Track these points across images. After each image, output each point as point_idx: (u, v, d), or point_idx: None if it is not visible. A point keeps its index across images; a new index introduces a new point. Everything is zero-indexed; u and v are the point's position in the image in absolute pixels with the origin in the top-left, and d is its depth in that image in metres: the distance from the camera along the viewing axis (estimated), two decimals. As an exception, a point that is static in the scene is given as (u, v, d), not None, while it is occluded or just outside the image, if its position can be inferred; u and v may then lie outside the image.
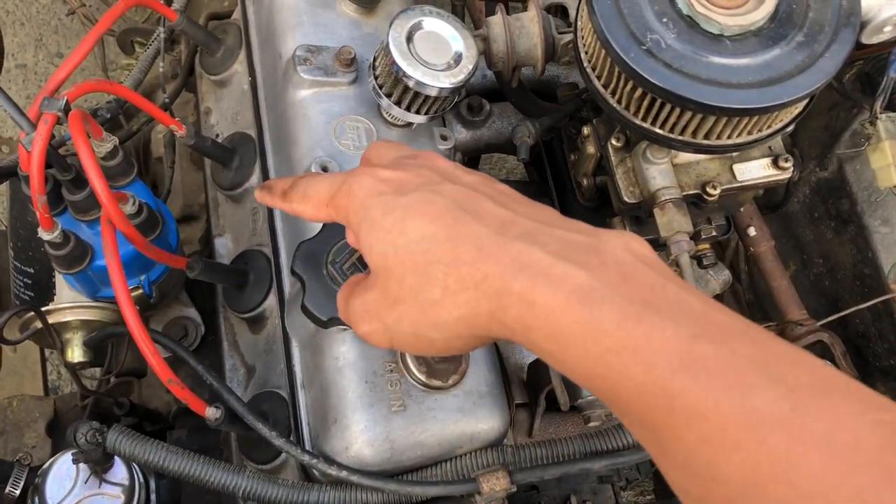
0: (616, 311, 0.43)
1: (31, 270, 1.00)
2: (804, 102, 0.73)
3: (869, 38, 0.75)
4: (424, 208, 0.51)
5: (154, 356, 0.73)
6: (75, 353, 0.90)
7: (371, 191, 0.54)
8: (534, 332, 0.46)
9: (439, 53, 0.78)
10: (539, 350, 0.47)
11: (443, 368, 0.74)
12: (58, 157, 0.78)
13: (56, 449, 1.05)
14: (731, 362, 0.41)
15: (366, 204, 0.53)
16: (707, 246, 0.90)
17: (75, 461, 0.79)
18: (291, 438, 0.80)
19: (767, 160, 0.81)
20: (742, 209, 1.05)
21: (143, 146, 1.25)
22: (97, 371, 1.22)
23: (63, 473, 0.88)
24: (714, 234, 0.89)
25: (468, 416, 0.74)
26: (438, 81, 0.76)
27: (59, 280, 0.92)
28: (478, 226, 0.49)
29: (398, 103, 0.80)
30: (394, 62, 0.76)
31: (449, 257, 0.49)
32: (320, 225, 0.74)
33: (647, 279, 0.45)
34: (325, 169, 0.80)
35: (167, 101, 1.04)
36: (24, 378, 1.71)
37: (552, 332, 0.45)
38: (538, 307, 0.45)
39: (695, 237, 0.87)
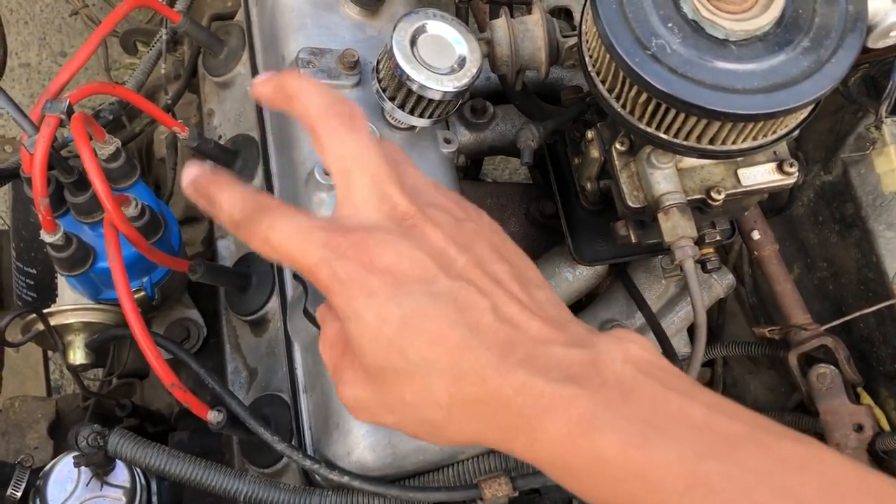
0: (618, 438, 0.43)
1: (34, 271, 1.00)
2: (810, 108, 0.73)
3: (875, 43, 0.75)
4: (423, 325, 0.47)
5: (156, 359, 0.73)
6: (77, 355, 0.90)
7: (362, 288, 0.48)
8: (541, 461, 0.47)
9: (443, 57, 0.78)
10: (548, 474, 0.47)
11: (445, 373, 0.74)
12: (60, 160, 0.78)
13: (58, 450, 1.05)
14: (736, 478, 0.41)
15: (355, 304, 0.48)
16: (711, 250, 0.90)
17: (77, 464, 0.79)
18: (293, 443, 0.80)
19: (772, 165, 0.80)
20: (746, 213, 1.05)
21: (145, 147, 1.24)
22: (100, 372, 1.22)
23: (64, 476, 0.88)
24: (718, 238, 0.88)
25: (470, 422, 0.74)
26: (442, 85, 0.76)
27: (61, 282, 0.92)
28: (479, 350, 0.47)
29: (402, 107, 0.79)
30: (397, 65, 0.75)
31: (453, 387, 0.47)
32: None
33: (648, 394, 0.45)
34: (328, 173, 0.79)
35: (169, 102, 1.04)
36: (26, 378, 1.71)
37: (559, 463, 0.46)
38: (543, 440, 0.45)
39: (699, 241, 0.87)
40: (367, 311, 0.48)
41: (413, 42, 0.77)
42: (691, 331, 0.80)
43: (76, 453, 0.79)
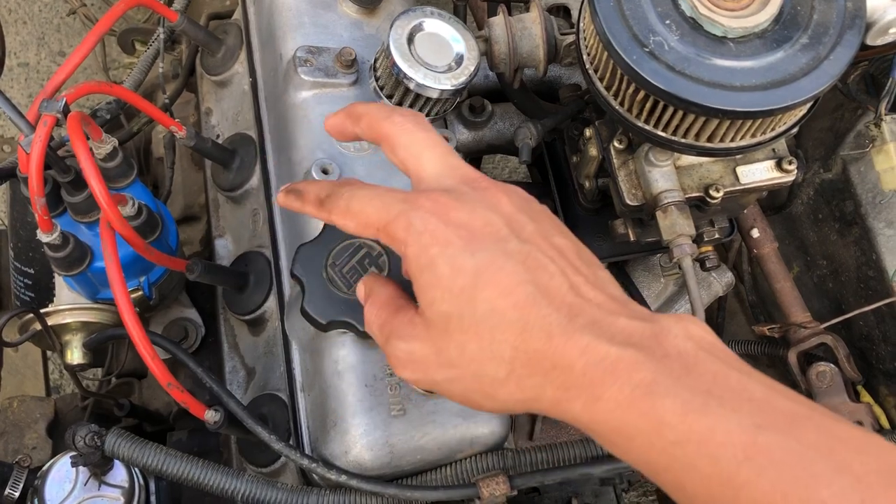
0: (680, 404, 0.44)
1: (32, 271, 1.00)
2: (808, 105, 0.72)
3: (874, 40, 0.75)
4: (495, 277, 0.49)
5: (153, 359, 0.73)
6: (75, 355, 0.90)
7: (437, 237, 0.50)
8: (599, 423, 0.47)
9: (440, 55, 0.77)
10: (602, 439, 0.48)
11: (443, 372, 0.73)
12: (57, 159, 0.78)
13: (56, 450, 1.05)
14: (796, 452, 0.41)
15: (430, 253, 0.50)
16: (710, 248, 0.90)
17: (74, 464, 0.79)
18: (291, 442, 0.80)
19: (771, 162, 0.80)
20: (745, 210, 1.05)
21: (143, 146, 1.24)
22: (99, 371, 1.22)
23: (62, 475, 0.87)
24: (717, 236, 0.88)
25: (468, 421, 0.74)
26: (439, 83, 0.76)
27: (59, 281, 0.92)
28: (548, 309, 0.48)
29: (399, 105, 0.79)
30: (395, 64, 0.75)
31: (517, 340, 0.48)
32: (320, 227, 0.74)
33: (710, 368, 0.46)
34: (325, 171, 0.79)
35: (167, 101, 1.04)
36: (25, 377, 1.71)
37: (617, 426, 0.46)
38: (604, 402, 0.46)
39: (697, 239, 0.87)
40: (442, 259, 0.49)
41: (410, 40, 0.77)
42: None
43: (74, 453, 0.79)
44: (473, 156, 1.12)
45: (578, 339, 0.47)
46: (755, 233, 1.07)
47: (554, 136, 0.98)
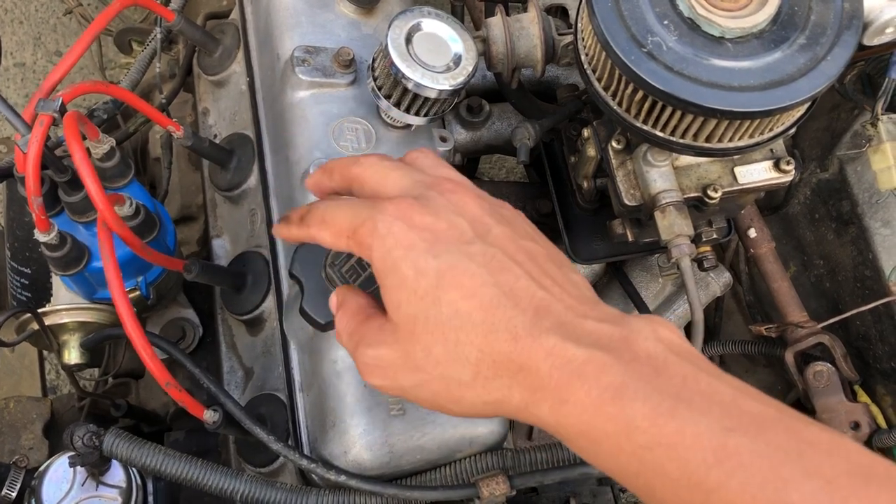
0: (649, 408, 0.43)
1: (28, 271, 1.00)
2: (806, 105, 0.73)
3: (871, 40, 0.75)
4: (459, 279, 0.49)
5: (151, 359, 0.72)
6: (72, 355, 0.89)
7: (400, 240, 0.50)
8: (566, 427, 0.46)
9: (438, 55, 0.77)
10: (571, 444, 0.48)
11: (442, 372, 0.73)
12: (54, 159, 0.78)
13: (53, 450, 1.05)
14: (765, 455, 0.41)
15: (393, 255, 0.50)
16: (708, 248, 0.90)
17: (72, 464, 0.79)
18: (290, 442, 0.80)
19: (769, 163, 0.80)
20: (742, 211, 1.05)
21: (140, 147, 1.24)
22: (96, 371, 1.22)
23: (60, 476, 0.87)
24: (715, 236, 0.88)
25: (468, 420, 0.74)
26: (437, 83, 0.76)
27: (56, 281, 0.92)
28: (513, 311, 0.48)
29: (397, 105, 0.79)
30: (393, 63, 0.75)
31: (483, 342, 0.48)
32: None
33: (679, 371, 0.45)
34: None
35: (164, 101, 1.03)
36: (21, 378, 1.71)
37: (585, 430, 0.45)
38: (571, 404, 0.45)
39: (696, 239, 0.87)
40: (405, 263, 0.50)
41: (408, 40, 0.77)
42: (689, 329, 0.80)
43: (71, 453, 0.79)
44: (471, 156, 1.12)
45: (545, 341, 0.47)
46: (752, 233, 1.07)
47: (552, 137, 0.98)
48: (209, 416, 0.76)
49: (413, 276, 0.49)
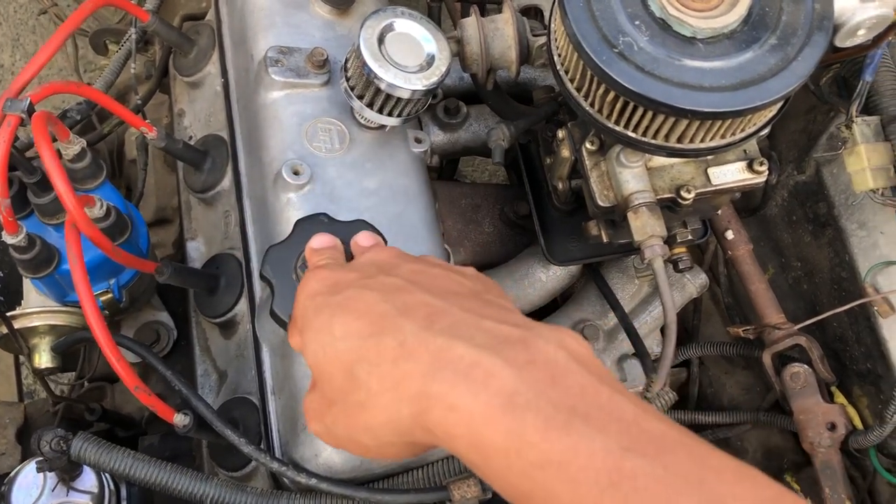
0: (541, 420, 0.39)
1: (0, 273, 0.99)
2: (778, 106, 0.73)
3: (843, 42, 0.75)
4: (352, 305, 0.48)
5: (119, 362, 0.72)
6: (43, 359, 0.88)
7: (308, 293, 0.52)
8: (455, 439, 0.42)
9: (412, 55, 0.77)
10: (463, 459, 0.43)
11: (414, 374, 0.73)
12: (22, 160, 0.77)
13: (26, 455, 1.03)
14: (663, 480, 0.38)
15: (304, 306, 0.52)
16: (683, 249, 0.90)
17: (40, 469, 0.78)
18: (262, 445, 0.79)
19: (742, 164, 0.80)
20: (720, 212, 1.05)
21: (116, 148, 1.23)
22: (72, 375, 1.20)
23: (29, 482, 0.86)
24: (690, 237, 0.88)
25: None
26: (410, 83, 0.76)
27: (27, 284, 0.90)
28: (403, 319, 0.46)
29: (370, 105, 0.79)
30: (365, 64, 0.75)
31: (372, 354, 0.46)
32: (290, 228, 0.73)
33: (579, 381, 0.42)
34: (296, 172, 0.78)
35: (140, 102, 1.03)
36: (-4, 382, 1.69)
37: (474, 442, 0.41)
38: (458, 412, 0.41)
39: (670, 241, 0.87)
40: (310, 310, 0.51)
41: (381, 40, 0.76)
42: (663, 331, 0.80)
43: (39, 459, 0.78)
44: (449, 157, 1.12)
45: (432, 342, 0.44)
46: (730, 234, 1.07)
47: (528, 138, 0.98)
48: (179, 419, 0.76)
49: (314, 316, 0.50)
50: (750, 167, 0.80)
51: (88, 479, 0.87)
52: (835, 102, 1.02)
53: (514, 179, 1.17)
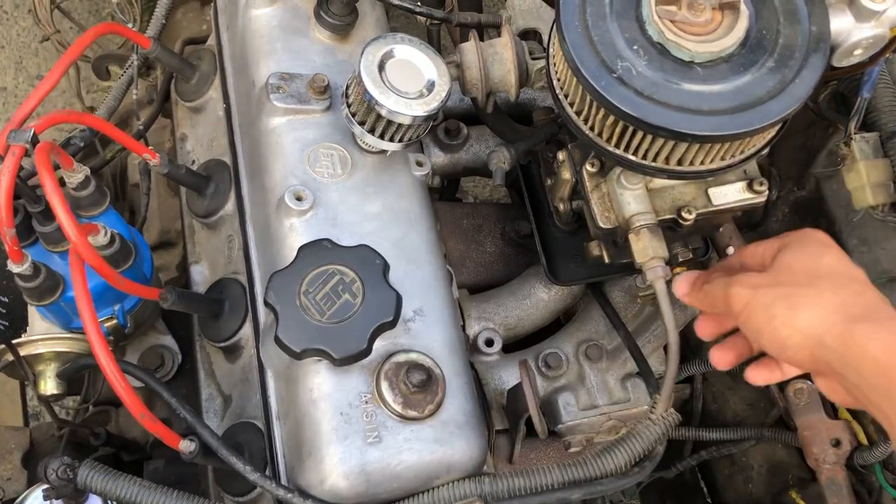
0: None
1: (6, 299, 0.99)
2: (777, 127, 0.73)
3: (840, 62, 0.75)
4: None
5: (125, 390, 0.72)
6: (48, 386, 0.88)
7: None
8: (862, 361, 0.62)
9: (412, 81, 0.78)
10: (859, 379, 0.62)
11: (419, 399, 0.73)
12: (26, 189, 0.78)
13: (32, 480, 1.03)
14: None
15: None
16: (684, 268, 0.90)
17: (47, 497, 0.78)
18: (267, 471, 0.79)
19: (743, 184, 0.81)
20: (721, 228, 1.05)
21: (120, 172, 1.24)
22: (76, 399, 1.21)
23: (37, 508, 0.86)
24: (691, 256, 0.88)
25: (445, 447, 0.73)
26: (411, 109, 0.76)
27: (32, 311, 0.91)
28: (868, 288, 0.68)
29: (371, 131, 0.79)
30: (366, 91, 0.75)
31: (839, 279, 0.67)
32: (293, 254, 0.74)
33: None
34: (298, 198, 0.79)
35: (142, 127, 1.03)
36: (2, 405, 1.68)
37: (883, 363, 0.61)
38: (876, 340, 0.61)
39: (671, 260, 0.87)
40: None
41: (381, 66, 0.77)
42: (666, 350, 0.80)
43: (46, 486, 0.78)
44: (450, 178, 1.12)
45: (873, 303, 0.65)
46: (731, 251, 1.07)
47: (529, 159, 0.98)
48: (185, 446, 0.76)
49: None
50: (750, 187, 0.81)
51: (95, 505, 0.87)
52: (833, 118, 1.02)
53: (516, 198, 1.17)
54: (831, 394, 0.71)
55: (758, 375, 0.76)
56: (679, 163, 0.72)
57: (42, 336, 0.88)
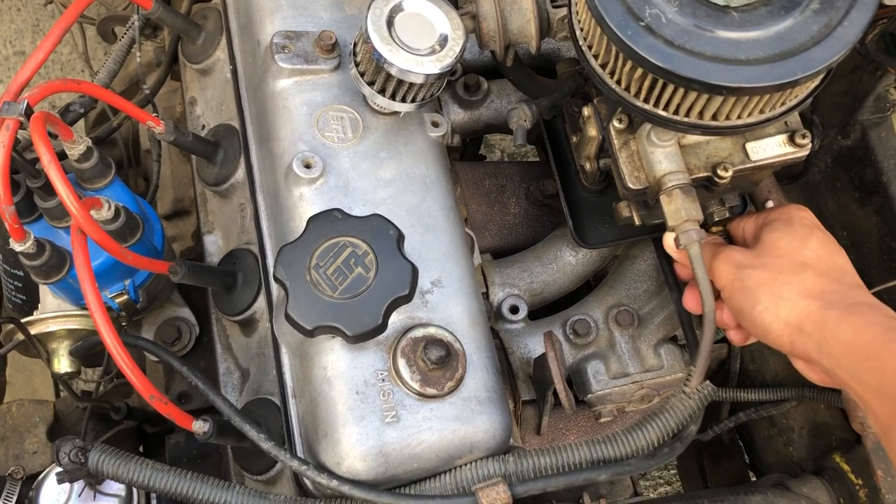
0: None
1: (21, 273, 0.97)
2: (821, 76, 0.67)
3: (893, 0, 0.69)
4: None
5: (133, 371, 0.69)
6: (62, 364, 0.87)
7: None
8: (833, 344, 0.65)
9: (423, 36, 0.72)
10: (829, 363, 0.66)
11: (438, 376, 0.69)
12: (25, 164, 0.74)
13: (57, 454, 1.03)
14: None
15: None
16: (720, 228, 0.85)
17: (60, 481, 0.76)
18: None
19: (783, 137, 0.75)
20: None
21: (132, 137, 1.20)
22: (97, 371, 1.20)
23: (57, 486, 0.85)
24: (727, 215, 0.83)
25: (467, 425, 0.70)
26: (423, 67, 0.71)
27: (43, 289, 0.89)
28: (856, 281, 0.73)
29: (382, 92, 0.74)
30: (374, 49, 0.70)
31: (825, 264, 0.72)
32: (303, 225, 0.70)
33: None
34: (307, 165, 0.75)
35: (148, 92, 0.99)
36: (33, 374, 1.70)
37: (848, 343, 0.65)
38: (846, 324, 0.66)
39: (707, 219, 0.82)
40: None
41: (390, 22, 0.72)
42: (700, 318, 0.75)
43: (59, 470, 0.76)
44: (471, 136, 1.07)
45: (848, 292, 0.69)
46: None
47: (554, 114, 0.92)
48: (199, 426, 0.73)
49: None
50: (792, 140, 0.75)
51: (115, 483, 0.86)
52: (882, 61, 0.95)
53: (543, 154, 1.12)
54: (808, 374, 0.74)
55: (740, 337, 0.79)
56: (714, 117, 0.66)
57: (53, 314, 0.86)
